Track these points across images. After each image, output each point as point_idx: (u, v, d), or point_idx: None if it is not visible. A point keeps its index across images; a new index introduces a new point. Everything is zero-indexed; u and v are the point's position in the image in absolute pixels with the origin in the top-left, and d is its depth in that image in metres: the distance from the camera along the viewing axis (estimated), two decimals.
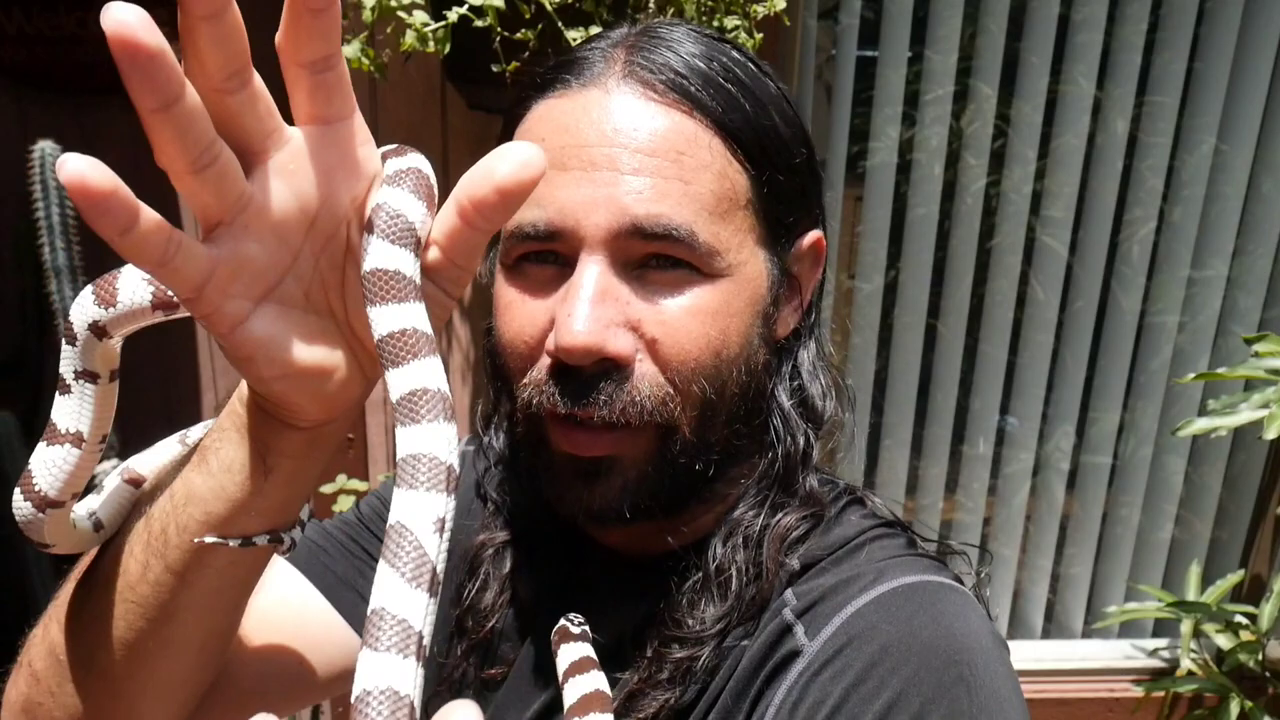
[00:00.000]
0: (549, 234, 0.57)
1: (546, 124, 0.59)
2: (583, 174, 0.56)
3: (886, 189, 1.88)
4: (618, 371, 0.57)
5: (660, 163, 0.56)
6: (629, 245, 0.56)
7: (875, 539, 0.63)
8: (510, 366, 0.61)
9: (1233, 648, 1.92)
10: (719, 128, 0.58)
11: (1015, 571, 2.13)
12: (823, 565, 0.61)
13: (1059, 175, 1.88)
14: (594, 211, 0.56)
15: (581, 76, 0.59)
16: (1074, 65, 1.82)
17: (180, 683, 0.56)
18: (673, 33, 0.60)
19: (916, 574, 0.59)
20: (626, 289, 0.57)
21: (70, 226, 1.61)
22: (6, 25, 1.82)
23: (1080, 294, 1.96)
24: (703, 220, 0.57)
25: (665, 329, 0.57)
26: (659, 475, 0.60)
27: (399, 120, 1.64)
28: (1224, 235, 1.92)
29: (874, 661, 0.53)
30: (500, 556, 0.71)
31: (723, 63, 0.60)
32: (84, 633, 0.54)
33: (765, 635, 0.59)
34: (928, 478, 2.07)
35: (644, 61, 0.58)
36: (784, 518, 0.63)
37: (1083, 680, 2.10)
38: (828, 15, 1.81)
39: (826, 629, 0.57)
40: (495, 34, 1.26)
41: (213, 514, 0.49)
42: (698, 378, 0.58)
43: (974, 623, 0.56)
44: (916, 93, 1.84)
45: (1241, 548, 2.11)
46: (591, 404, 0.56)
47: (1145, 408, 2.02)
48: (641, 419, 0.57)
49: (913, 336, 1.97)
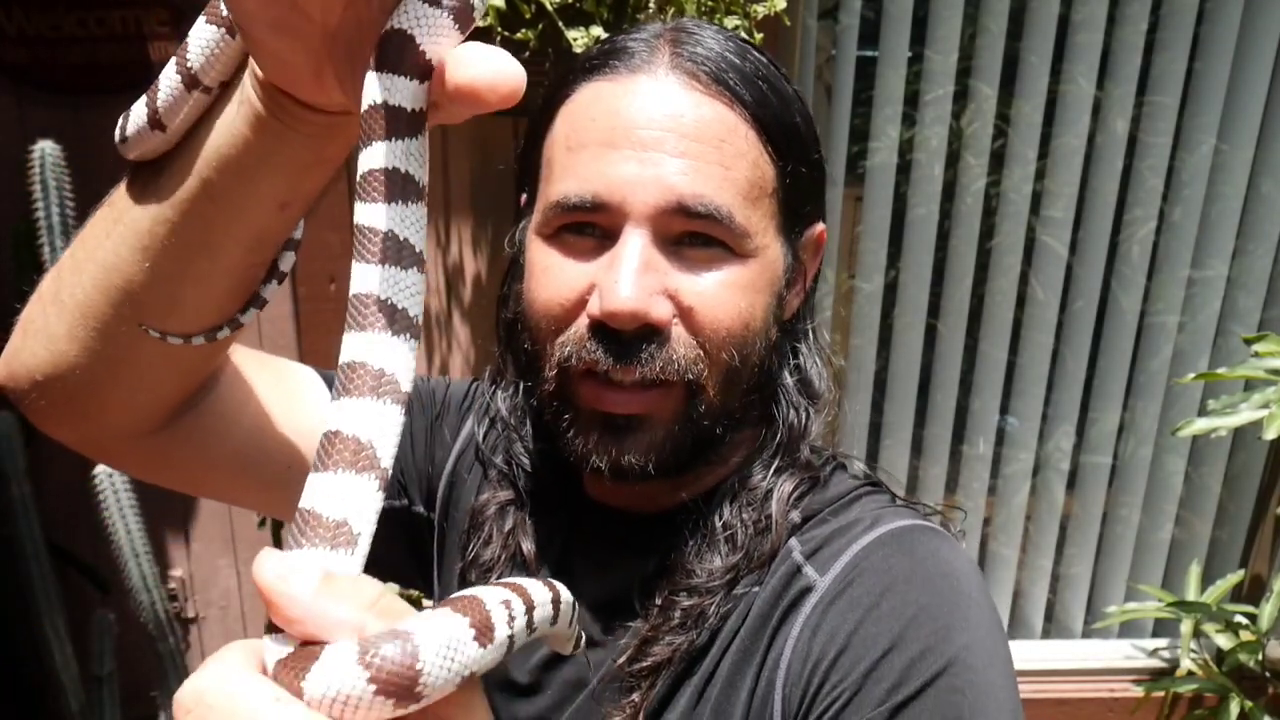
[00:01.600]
0: (595, 206, 0.61)
1: (597, 105, 0.63)
2: (632, 153, 0.60)
3: (886, 189, 1.88)
4: (657, 335, 0.61)
5: (704, 148, 0.60)
6: (670, 222, 0.60)
7: (866, 494, 0.69)
8: (543, 326, 0.64)
9: (1233, 648, 1.92)
10: (754, 120, 0.63)
11: (1015, 571, 2.13)
12: (822, 516, 0.67)
13: (1059, 175, 1.88)
14: (641, 189, 0.60)
15: (629, 63, 0.63)
16: (1074, 65, 1.82)
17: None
18: (704, 31, 0.65)
19: (907, 519, 0.65)
20: (665, 262, 0.61)
21: (70, 226, 1.61)
22: (6, 25, 1.82)
23: (1080, 294, 1.96)
24: (738, 204, 0.61)
25: (701, 299, 0.61)
26: (682, 434, 0.64)
27: None
28: (1224, 235, 1.92)
29: (886, 588, 0.59)
30: (503, 514, 0.74)
31: (753, 61, 0.64)
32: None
33: (776, 578, 0.64)
34: (928, 478, 2.07)
35: (688, 54, 0.62)
36: (787, 481, 0.68)
37: (1083, 680, 2.10)
38: (828, 15, 1.81)
39: (835, 565, 0.62)
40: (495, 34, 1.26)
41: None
42: (728, 345, 0.63)
43: (960, 558, 0.63)
44: (916, 93, 1.84)
45: (1241, 548, 2.11)
46: (634, 363, 0.60)
47: (1145, 408, 2.02)
48: (678, 376, 0.61)
49: (913, 336, 1.97)
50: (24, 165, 1.59)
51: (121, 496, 1.67)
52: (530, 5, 1.27)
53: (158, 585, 1.76)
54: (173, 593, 2.07)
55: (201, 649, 2.20)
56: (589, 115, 0.63)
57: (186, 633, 2.15)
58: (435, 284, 1.73)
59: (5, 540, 1.72)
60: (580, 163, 0.62)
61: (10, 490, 1.70)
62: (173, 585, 2.08)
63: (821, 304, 1.95)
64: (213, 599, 2.16)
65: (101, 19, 1.80)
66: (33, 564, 1.73)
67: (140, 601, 1.74)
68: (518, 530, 0.74)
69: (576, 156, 0.62)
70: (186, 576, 2.13)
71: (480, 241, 1.74)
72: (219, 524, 2.10)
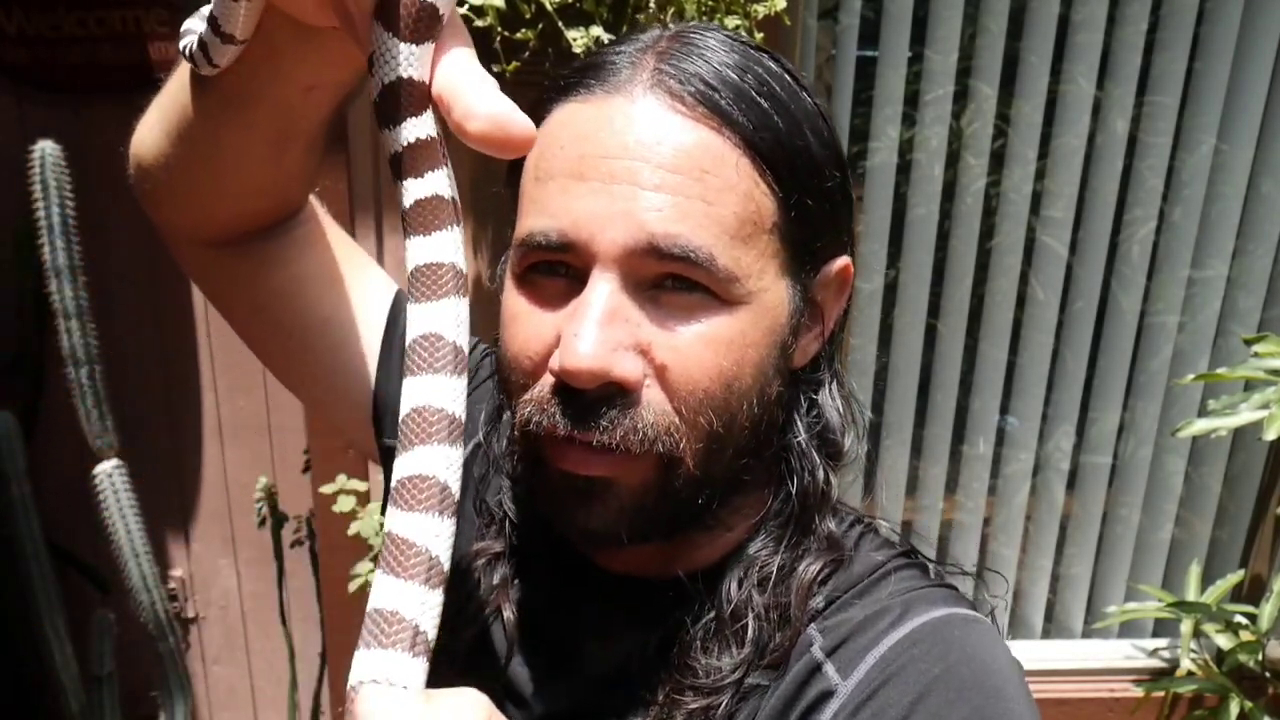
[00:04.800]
0: (561, 245, 0.54)
1: (567, 130, 0.56)
2: (601, 185, 0.53)
3: (886, 189, 1.88)
4: (623, 396, 0.54)
5: (683, 180, 0.53)
6: (644, 264, 0.53)
7: (894, 570, 0.61)
8: (513, 381, 0.58)
9: (1233, 648, 1.92)
10: (748, 146, 0.55)
11: (1015, 571, 2.13)
12: (847, 599, 0.60)
13: (1059, 175, 1.88)
14: (609, 226, 0.53)
15: (606, 82, 0.56)
16: (1074, 65, 1.82)
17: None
18: (706, 39, 0.57)
19: (941, 607, 0.58)
20: (638, 311, 0.54)
21: (70, 226, 1.61)
22: (6, 25, 1.82)
23: (1080, 294, 1.96)
24: (723, 244, 0.54)
25: (676, 355, 0.54)
26: (658, 507, 0.57)
27: None
28: (1224, 235, 1.92)
29: (918, 698, 0.52)
30: (492, 567, 0.69)
31: (757, 74, 0.56)
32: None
33: (793, 675, 0.57)
34: (928, 478, 2.07)
35: (673, 70, 0.55)
36: (809, 565, 0.60)
37: (1083, 680, 2.10)
38: (828, 15, 1.81)
39: (860, 667, 0.55)
40: (495, 34, 1.26)
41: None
42: (706, 409, 0.55)
43: (1001, 655, 0.56)
44: (916, 93, 1.84)
45: (1241, 548, 2.11)
46: (592, 428, 0.54)
47: (1145, 408, 2.02)
48: (643, 447, 0.54)
49: (913, 336, 1.97)
50: (24, 165, 1.58)
51: (121, 496, 1.67)
52: (530, 5, 1.27)
53: (158, 585, 1.76)
54: (173, 593, 2.07)
55: (201, 649, 2.20)
56: (558, 142, 0.56)
57: (186, 633, 2.15)
58: None
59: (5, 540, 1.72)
60: (547, 196, 0.55)
61: (10, 490, 1.70)
62: (173, 585, 2.08)
63: None
64: (213, 599, 2.16)
65: (101, 19, 1.80)
66: (33, 564, 1.73)
67: (140, 601, 1.74)
68: (504, 587, 0.68)
69: (544, 188, 0.55)
70: (186, 576, 2.13)
71: (480, 243, 1.74)
72: (219, 524, 2.10)
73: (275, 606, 1.98)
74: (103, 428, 1.68)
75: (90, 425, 1.67)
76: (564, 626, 0.67)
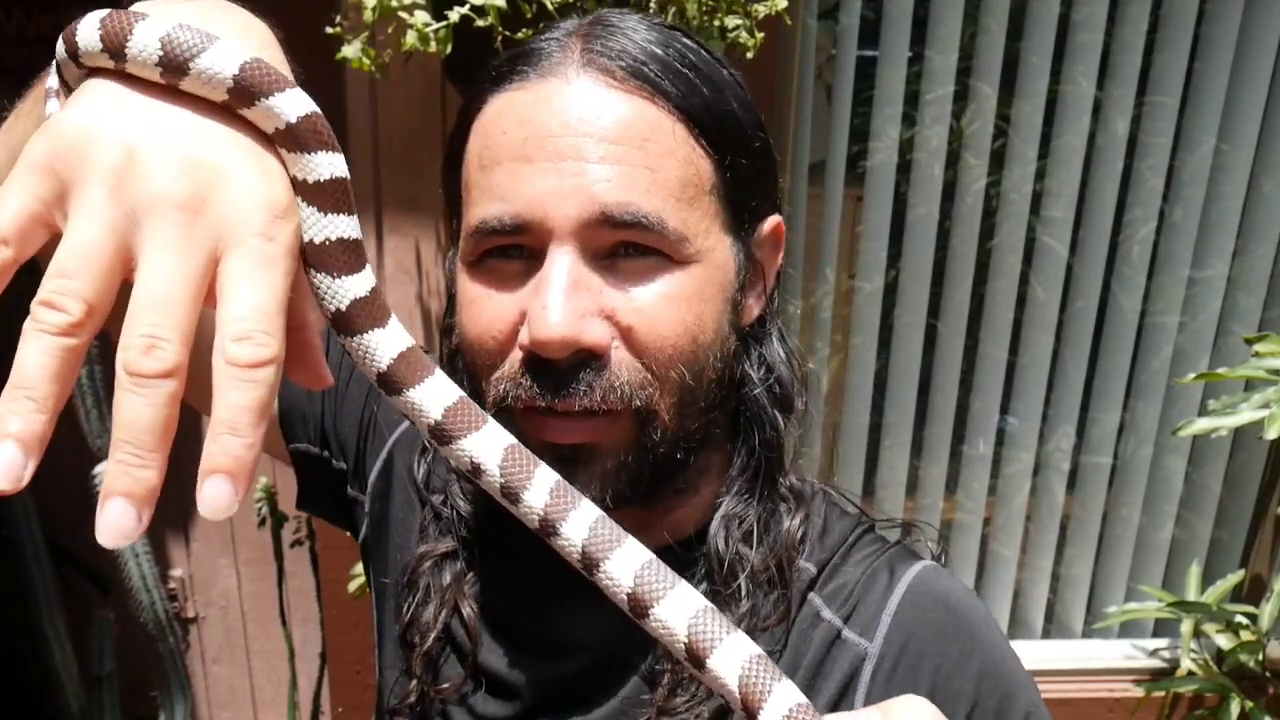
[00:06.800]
0: (515, 227, 0.56)
1: (507, 117, 0.58)
2: (549, 164, 0.56)
3: (886, 189, 1.88)
4: (595, 361, 0.57)
5: (626, 150, 0.56)
6: (598, 234, 0.56)
7: (860, 535, 0.68)
8: (477, 363, 0.60)
9: (1233, 648, 1.92)
10: (681, 113, 0.58)
11: (1015, 571, 2.13)
12: (834, 564, 0.64)
13: (1059, 175, 1.88)
14: (562, 202, 0.55)
15: (539, 67, 0.58)
16: (1074, 65, 1.82)
17: None
18: (625, 20, 0.60)
19: (914, 561, 0.66)
20: (598, 279, 0.57)
21: None
22: (6, 25, 1.82)
23: (1080, 294, 1.96)
24: (671, 207, 0.57)
25: (640, 316, 0.57)
26: (638, 463, 0.59)
27: (399, 120, 1.64)
28: (1224, 235, 1.92)
29: (942, 650, 0.62)
30: (440, 567, 0.70)
31: (678, 48, 0.59)
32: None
33: (813, 647, 0.62)
34: (928, 478, 2.07)
35: (601, 49, 0.58)
36: (788, 520, 0.64)
37: (1083, 680, 2.10)
38: (828, 15, 1.81)
39: (879, 628, 0.62)
40: (495, 34, 1.26)
41: None
42: (675, 364, 0.58)
43: (969, 596, 0.66)
44: (916, 93, 1.84)
45: (1241, 548, 2.11)
46: (571, 394, 0.56)
47: (1145, 408, 2.02)
48: (622, 404, 0.57)
49: (913, 336, 1.97)
50: None
51: None
52: (531, 5, 1.27)
53: (158, 585, 1.76)
54: (173, 593, 2.07)
55: (201, 649, 2.20)
56: (500, 129, 0.58)
57: (186, 633, 2.15)
58: (436, 287, 1.74)
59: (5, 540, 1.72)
60: (496, 182, 0.57)
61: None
62: (173, 585, 2.08)
63: (821, 304, 1.95)
64: (213, 599, 2.16)
65: None
66: (33, 564, 1.73)
67: (140, 601, 1.74)
68: (458, 584, 0.69)
69: (491, 175, 0.58)
70: (186, 576, 2.13)
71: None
72: (219, 524, 2.10)
73: (275, 606, 1.98)
74: (102, 428, 1.68)
75: (90, 425, 1.67)
76: (544, 610, 0.68)
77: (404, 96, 1.62)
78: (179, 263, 0.33)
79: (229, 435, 0.32)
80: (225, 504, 0.33)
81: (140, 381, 0.32)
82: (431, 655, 0.70)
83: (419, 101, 1.63)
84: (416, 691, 0.70)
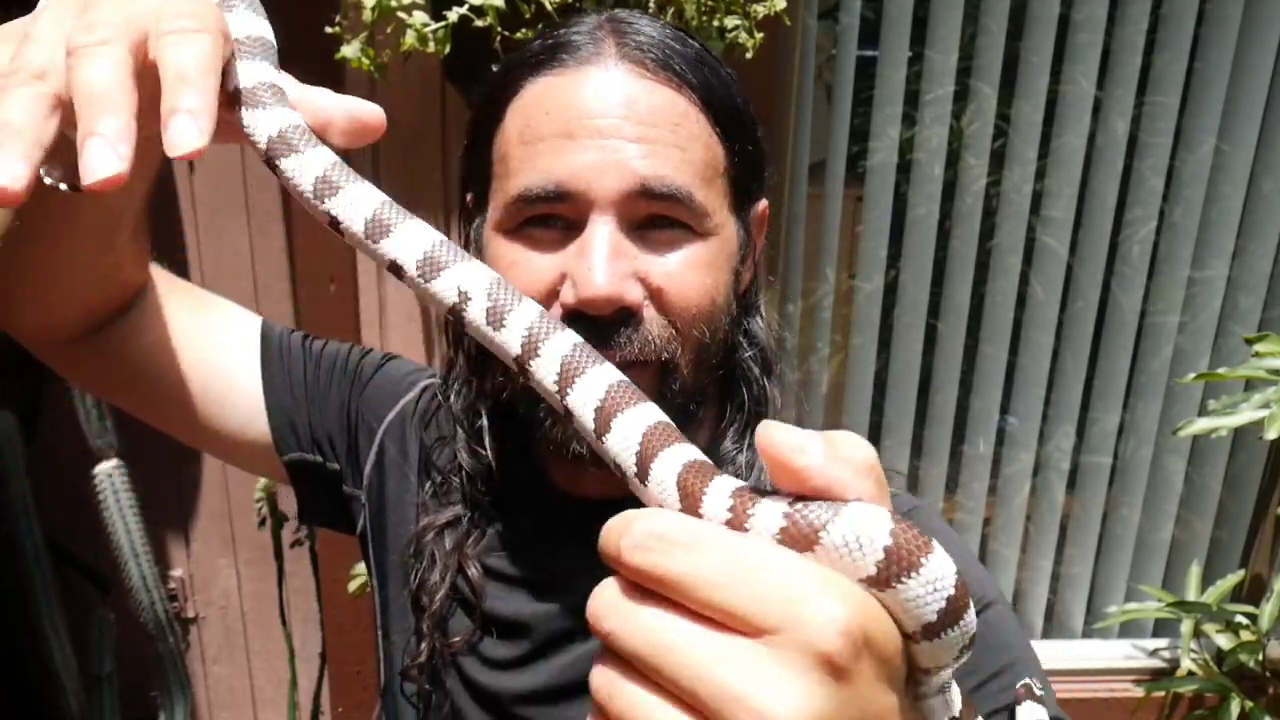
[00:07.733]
0: (559, 195, 0.62)
1: (549, 98, 0.64)
2: (591, 141, 0.62)
3: (886, 189, 1.88)
4: (631, 318, 0.63)
5: (660, 131, 0.63)
6: (635, 205, 0.63)
7: None
8: None
9: (1233, 648, 1.92)
10: (702, 103, 0.65)
11: (1015, 571, 2.13)
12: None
13: (1059, 175, 1.88)
14: (604, 175, 0.62)
15: (576, 55, 0.65)
16: (1074, 65, 1.82)
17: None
18: (639, 20, 0.67)
19: (905, 501, 0.73)
20: (633, 246, 0.64)
21: None
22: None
23: (1080, 294, 1.96)
24: (697, 184, 0.64)
25: (670, 279, 0.64)
26: None
27: (399, 120, 1.64)
28: (1224, 235, 1.92)
29: None
30: (441, 536, 0.76)
31: (694, 47, 0.67)
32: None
33: None
34: (928, 478, 2.07)
35: (634, 43, 0.65)
36: None
37: (1083, 680, 2.10)
38: (828, 15, 1.81)
39: None
40: (495, 34, 1.26)
41: None
42: (698, 323, 0.66)
43: (947, 528, 0.74)
44: (916, 93, 1.84)
45: (1241, 548, 2.11)
46: (614, 346, 0.62)
47: (1145, 408, 2.02)
48: (654, 355, 0.64)
49: (913, 336, 1.97)
50: None
51: (121, 496, 1.67)
52: (530, 5, 1.27)
53: (158, 585, 1.76)
54: (173, 593, 2.07)
55: (201, 649, 2.20)
56: (542, 109, 0.64)
57: (186, 633, 2.14)
58: None
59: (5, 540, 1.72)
60: (539, 155, 0.63)
61: (10, 490, 1.70)
62: (173, 585, 2.08)
63: (821, 304, 1.95)
64: (213, 599, 2.16)
65: None
66: (33, 564, 1.72)
67: (140, 601, 1.74)
68: (458, 549, 0.75)
69: (534, 149, 0.64)
70: (186, 576, 2.13)
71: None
72: (219, 524, 2.10)
73: (275, 606, 1.98)
74: (102, 428, 1.67)
75: (90, 425, 1.67)
76: (540, 551, 0.75)
77: (403, 96, 1.62)
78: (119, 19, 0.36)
79: (179, 83, 0.34)
80: (192, 139, 0.33)
81: (85, 50, 0.33)
82: (441, 614, 0.75)
83: (418, 101, 1.63)
84: (427, 650, 0.75)
